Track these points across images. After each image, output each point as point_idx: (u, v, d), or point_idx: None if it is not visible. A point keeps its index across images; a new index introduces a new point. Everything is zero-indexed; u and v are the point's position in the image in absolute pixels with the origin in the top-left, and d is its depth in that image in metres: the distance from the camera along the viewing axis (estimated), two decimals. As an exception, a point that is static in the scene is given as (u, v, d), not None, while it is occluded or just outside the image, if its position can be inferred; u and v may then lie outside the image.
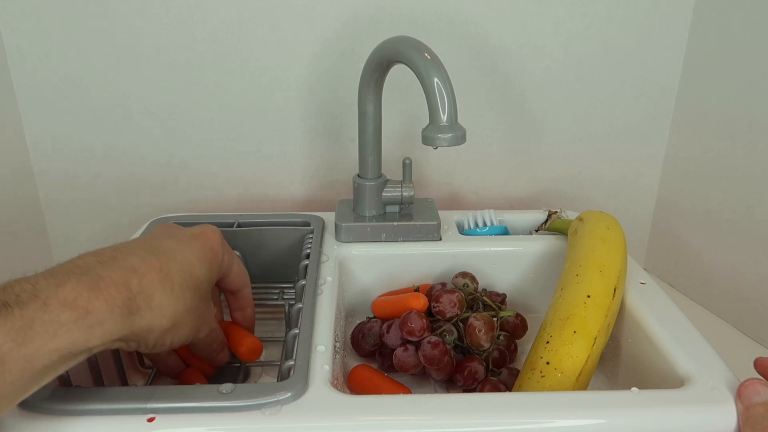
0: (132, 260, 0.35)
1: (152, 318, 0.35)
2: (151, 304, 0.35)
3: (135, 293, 0.34)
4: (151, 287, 0.35)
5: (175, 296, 0.36)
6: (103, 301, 0.32)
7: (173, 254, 0.38)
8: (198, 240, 0.41)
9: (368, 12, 0.64)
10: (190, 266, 0.39)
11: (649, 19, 0.66)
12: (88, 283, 0.32)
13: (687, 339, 0.43)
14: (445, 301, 0.50)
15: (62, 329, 0.30)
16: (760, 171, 0.59)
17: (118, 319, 0.33)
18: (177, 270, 0.37)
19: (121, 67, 0.64)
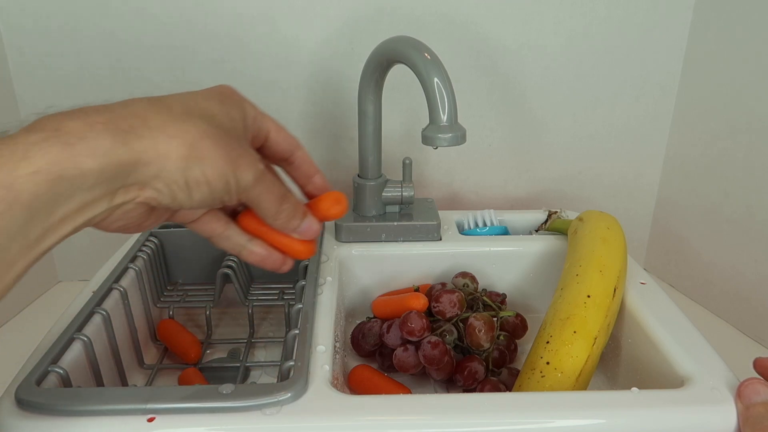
0: (113, 104, 0.31)
1: (156, 137, 0.30)
2: (149, 124, 0.30)
3: (121, 114, 0.29)
4: (140, 111, 0.30)
5: (176, 118, 0.31)
6: (77, 120, 0.28)
7: (167, 96, 0.34)
8: (205, 90, 0.36)
9: (368, 12, 0.64)
10: (191, 99, 0.33)
11: (649, 19, 0.66)
12: (61, 114, 0.28)
13: (687, 339, 0.43)
14: (445, 301, 0.50)
15: (33, 148, 0.26)
16: (760, 171, 0.59)
17: (104, 135, 0.28)
18: (172, 100, 0.33)
19: (121, 67, 0.64)
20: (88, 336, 0.42)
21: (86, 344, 0.42)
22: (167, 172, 0.30)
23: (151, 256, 0.55)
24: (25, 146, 0.26)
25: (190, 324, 0.59)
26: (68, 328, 0.42)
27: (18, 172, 0.26)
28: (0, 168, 0.25)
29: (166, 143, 0.30)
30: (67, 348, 0.40)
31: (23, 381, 0.36)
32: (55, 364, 0.38)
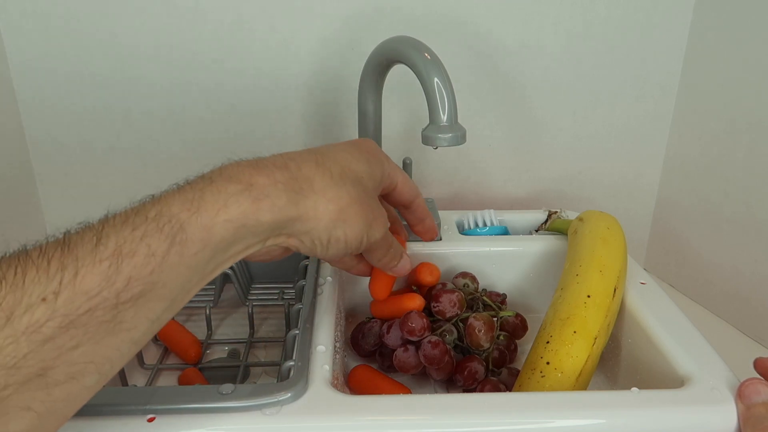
0: (290, 156, 0.36)
1: (317, 200, 0.35)
2: (314, 187, 0.35)
3: (295, 175, 0.35)
4: (309, 173, 0.35)
5: (335, 182, 0.36)
6: (264, 176, 0.33)
7: (327, 151, 0.38)
8: (355, 145, 0.41)
9: (368, 12, 0.64)
10: (346, 161, 0.38)
11: (649, 19, 0.66)
12: (249, 165, 0.34)
13: (687, 339, 0.43)
14: (445, 301, 0.50)
15: (231, 199, 0.31)
16: (760, 171, 0.59)
17: (283, 194, 0.33)
18: (332, 162, 0.37)
19: (121, 67, 0.64)
20: (88, 336, 0.42)
21: (86, 344, 0.42)
22: (317, 230, 0.36)
23: (151, 256, 0.55)
24: (226, 196, 0.31)
25: (190, 324, 0.59)
26: (68, 328, 0.42)
27: (217, 219, 0.31)
28: (205, 210, 0.31)
29: (324, 206, 0.35)
30: (67, 348, 0.40)
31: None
32: (55, 364, 0.38)
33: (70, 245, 0.27)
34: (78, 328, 0.26)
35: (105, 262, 0.27)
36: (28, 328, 0.25)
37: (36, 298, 0.25)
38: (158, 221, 0.29)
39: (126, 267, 0.27)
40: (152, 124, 0.67)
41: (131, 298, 0.27)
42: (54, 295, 0.25)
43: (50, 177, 0.69)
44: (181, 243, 0.29)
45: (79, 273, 0.26)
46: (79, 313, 0.26)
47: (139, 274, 0.28)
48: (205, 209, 0.31)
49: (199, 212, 0.30)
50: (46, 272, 0.26)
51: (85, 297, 0.26)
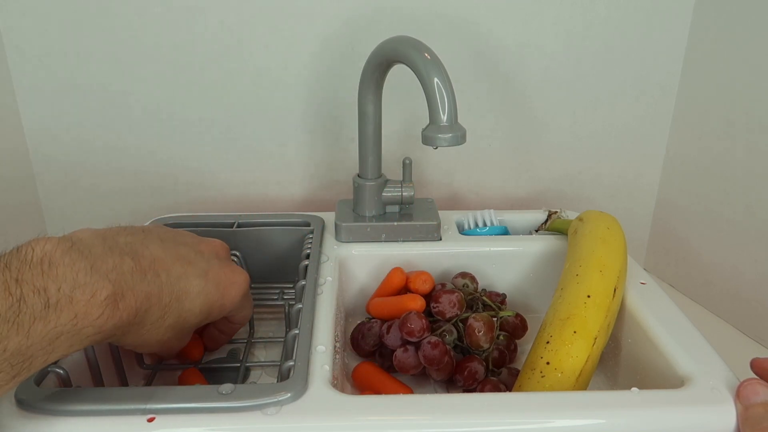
0: (155, 284, 0.37)
1: (131, 339, 0.37)
2: (139, 332, 0.37)
3: (137, 321, 0.35)
4: (148, 320, 0.36)
5: (158, 333, 0.38)
6: (117, 318, 0.34)
7: (185, 298, 0.39)
8: (218, 292, 0.42)
9: (368, 12, 0.64)
10: (188, 314, 0.40)
11: (649, 19, 0.66)
12: (114, 298, 0.33)
13: (687, 339, 0.43)
14: (444, 302, 0.50)
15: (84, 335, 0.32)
16: (760, 171, 0.59)
17: (113, 336, 0.35)
18: (175, 314, 0.38)
19: (121, 67, 0.64)
20: (88, 336, 0.42)
21: (86, 344, 0.42)
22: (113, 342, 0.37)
23: (151, 256, 0.55)
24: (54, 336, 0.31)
25: (190, 324, 0.59)
26: (68, 328, 0.42)
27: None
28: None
29: (130, 342, 0.38)
30: (67, 348, 0.40)
31: (23, 382, 0.36)
32: (54, 364, 0.38)
33: None
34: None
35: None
36: None
37: None
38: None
39: None
40: (152, 124, 0.67)
41: None
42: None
43: (50, 177, 0.69)
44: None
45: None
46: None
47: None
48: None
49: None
50: None
51: None
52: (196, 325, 0.42)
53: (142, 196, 0.70)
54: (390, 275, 0.54)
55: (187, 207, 0.71)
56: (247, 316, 0.49)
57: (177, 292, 0.38)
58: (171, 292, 0.38)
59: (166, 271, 0.38)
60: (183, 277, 0.39)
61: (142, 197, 0.70)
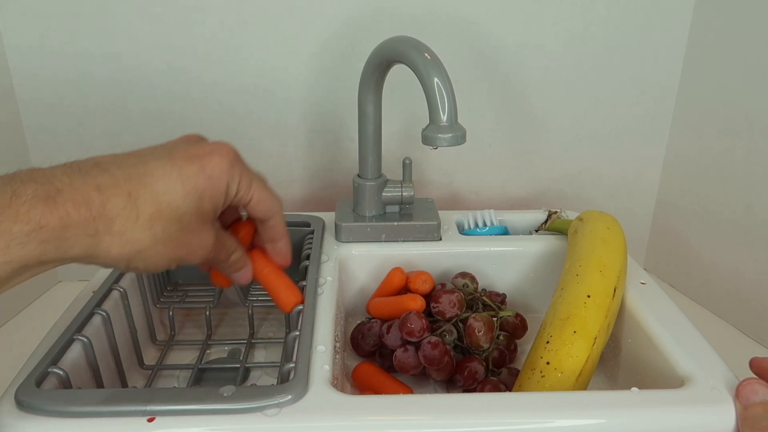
0: (103, 178, 0.33)
1: (111, 243, 0.33)
2: (111, 230, 0.33)
3: (94, 215, 0.32)
4: (113, 211, 0.33)
5: (140, 226, 0.34)
6: (56, 217, 0.31)
7: (152, 180, 0.35)
8: (194, 165, 0.37)
9: (368, 12, 0.64)
10: (168, 196, 0.35)
11: (649, 19, 0.66)
12: (44, 196, 0.31)
13: (687, 339, 0.43)
14: (444, 302, 0.50)
15: (14, 242, 0.30)
16: (760, 171, 0.59)
17: (72, 238, 0.32)
18: (150, 199, 0.34)
19: (121, 67, 0.64)
20: (88, 337, 0.42)
21: (86, 345, 0.42)
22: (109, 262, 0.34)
23: (151, 256, 0.55)
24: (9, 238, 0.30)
25: (190, 324, 0.59)
26: (68, 328, 0.42)
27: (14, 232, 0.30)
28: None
29: (118, 249, 0.34)
30: (67, 349, 0.40)
31: (23, 382, 0.36)
32: (55, 365, 0.38)
33: None
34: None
35: None
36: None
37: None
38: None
39: None
40: (152, 124, 0.67)
41: None
42: None
43: (50, 177, 0.69)
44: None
45: None
46: None
47: None
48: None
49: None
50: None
51: None
52: (195, 212, 0.37)
53: None
54: (390, 275, 0.54)
55: (187, 207, 0.71)
56: (268, 203, 0.42)
57: (135, 176, 0.35)
58: (128, 178, 0.34)
59: (116, 164, 0.35)
60: (139, 163, 0.35)
61: (142, 197, 0.70)
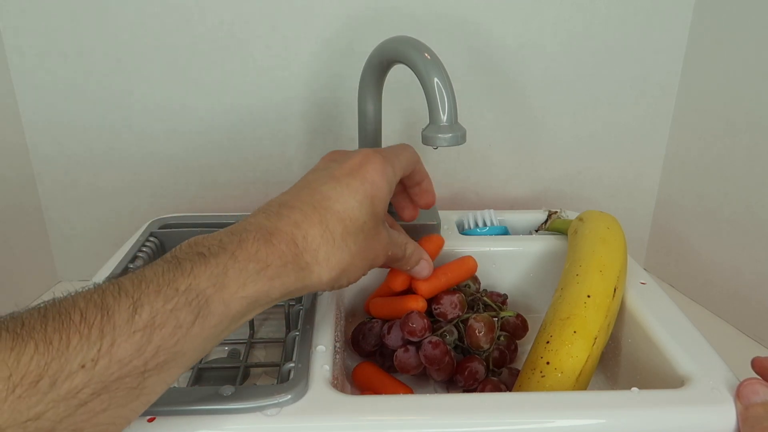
0: (295, 215, 0.37)
1: (320, 271, 0.37)
2: (318, 258, 0.37)
3: (301, 250, 0.36)
4: (314, 243, 0.37)
5: (338, 247, 0.38)
6: (277, 256, 0.35)
7: (331, 203, 0.38)
8: (356, 178, 0.40)
9: (368, 12, 0.64)
10: (349, 212, 0.39)
11: (649, 19, 0.66)
12: (264, 240, 0.35)
13: (687, 339, 0.43)
14: (446, 303, 0.50)
15: (250, 279, 0.33)
16: (760, 171, 0.59)
17: (291, 274, 0.35)
18: (336, 221, 0.38)
19: (121, 67, 0.64)
20: (88, 336, 0.42)
21: (86, 344, 0.42)
22: (318, 286, 0.38)
23: (151, 256, 0.55)
24: (246, 275, 0.33)
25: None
26: (68, 328, 0.42)
27: (236, 295, 0.32)
28: (227, 287, 0.32)
29: (327, 274, 0.38)
30: (67, 348, 0.40)
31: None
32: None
33: (109, 312, 0.28)
34: (109, 393, 0.27)
35: (139, 333, 0.28)
36: (68, 393, 0.26)
37: (77, 365, 0.26)
38: (188, 295, 0.30)
39: (156, 337, 0.29)
40: (152, 124, 0.67)
41: (156, 366, 0.29)
42: (93, 362, 0.27)
43: (50, 177, 0.69)
44: (204, 316, 0.31)
45: (116, 342, 0.27)
46: (111, 380, 0.27)
47: (166, 345, 0.29)
48: (228, 286, 0.32)
49: (222, 289, 0.32)
50: (88, 339, 0.27)
51: (119, 365, 0.27)
52: (371, 218, 0.40)
53: (142, 196, 0.70)
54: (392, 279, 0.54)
55: (187, 207, 0.71)
56: (414, 163, 0.47)
57: (318, 205, 0.38)
58: (313, 209, 0.38)
59: (298, 199, 0.39)
60: (314, 193, 0.39)
61: (142, 197, 0.70)
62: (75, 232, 0.72)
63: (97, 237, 0.72)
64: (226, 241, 0.34)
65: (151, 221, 0.60)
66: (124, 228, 0.70)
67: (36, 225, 0.70)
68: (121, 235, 0.61)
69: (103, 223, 0.71)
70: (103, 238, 0.72)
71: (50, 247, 0.72)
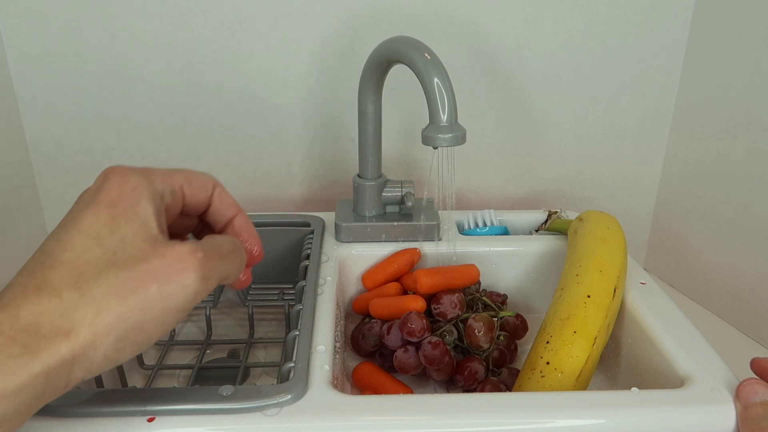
0: (6, 295, 0.28)
1: (61, 347, 0.26)
2: (41, 333, 0.26)
3: (10, 335, 0.26)
4: (30, 317, 0.26)
5: (70, 304, 0.27)
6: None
7: (55, 256, 0.29)
8: (87, 210, 0.30)
9: (368, 12, 0.64)
10: (83, 254, 0.28)
11: (649, 19, 0.66)
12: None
13: (687, 339, 0.43)
14: (446, 302, 0.50)
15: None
16: (760, 171, 0.59)
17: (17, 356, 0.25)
18: (62, 273, 0.28)
19: (121, 67, 0.64)
20: (88, 336, 0.42)
21: (86, 344, 0.42)
22: (87, 366, 0.28)
23: (151, 256, 0.55)
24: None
25: (190, 324, 0.59)
26: (68, 328, 0.42)
27: None
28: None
29: (70, 347, 0.27)
30: (67, 348, 0.40)
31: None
32: (55, 365, 0.38)
33: None
34: None
35: None
36: None
37: None
38: None
39: None
40: (152, 124, 0.67)
41: None
42: None
43: (50, 177, 0.69)
44: None
45: None
46: None
47: None
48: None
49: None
50: None
51: None
52: (129, 236, 0.29)
53: (142, 196, 0.70)
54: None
55: (187, 207, 0.71)
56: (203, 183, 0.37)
57: (35, 268, 0.29)
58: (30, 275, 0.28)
59: (18, 276, 0.29)
60: (38, 255, 0.30)
61: (142, 197, 0.70)
62: (75, 232, 0.71)
63: (97, 237, 0.72)
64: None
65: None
66: (124, 228, 0.70)
67: (36, 225, 0.70)
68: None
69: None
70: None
71: (50, 247, 0.72)
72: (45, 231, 0.71)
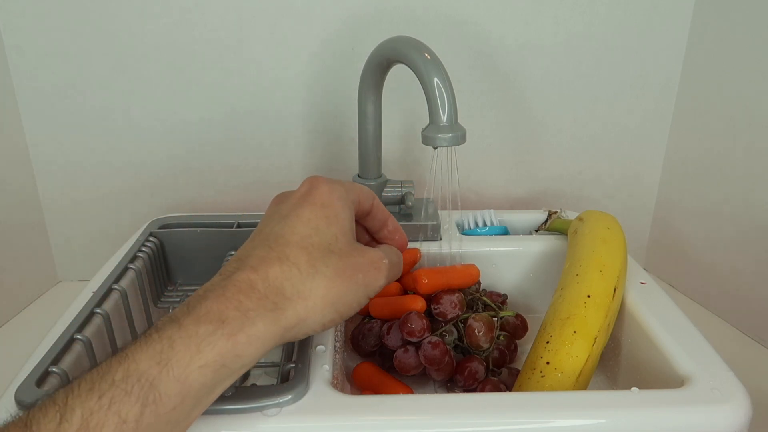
0: (251, 261, 0.34)
1: (295, 307, 0.33)
2: (286, 294, 0.33)
3: (264, 293, 0.32)
4: (277, 281, 0.33)
5: (307, 276, 0.34)
6: (232, 309, 0.31)
7: (286, 238, 0.35)
8: (304, 207, 0.37)
9: (368, 12, 0.64)
10: (308, 238, 0.35)
11: (649, 19, 0.66)
12: (215, 298, 0.31)
13: (687, 339, 0.43)
14: (445, 303, 0.50)
15: (204, 343, 0.29)
16: (760, 170, 0.59)
17: (258, 322, 0.31)
18: (297, 251, 0.34)
19: (121, 67, 0.64)
20: (87, 337, 0.42)
21: (86, 345, 0.42)
22: (308, 326, 0.34)
23: (151, 256, 0.55)
24: (197, 340, 0.29)
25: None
26: (68, 329, 0.42)
27: (191, 367, 0.29)
28: (176, 363, 0.28)
29: (305, 309, 0.34)
30: (67, 349, 0.40)
31: (23, 382, 0.36)
32: (55, 365, 0.38)
33: (32, 428, 0.24)
34: None
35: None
36: None
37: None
38: (126, 383, 0.26)
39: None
40: (152, 124, 0.67)
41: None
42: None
43: (50, 177, 0.69)
44: (155, 402, 0.27)
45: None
46: None
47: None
48: (176, 360, 0.28)
49: (169, 365, 0.28)
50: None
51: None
52: (339, 235, 0.37)
53: (142, 196, 0.70)
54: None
55: (187, 207, 0.71)
56: (370, 197, 0.42)
57: (274, 243, 0.35)
58: (269, 248, 0.35)
59: (253, 246, 0.36)
60: (267, 235, 0.36)
61: (142, 197, 0.70)
62: (75, 232, 0.72)
63: (97, 237, 0.72)
64: (176, 313, 0.31)
65: (150, 221, 0.60)
66: (124, 228, 0.70)
67: (36, 225, 0.70)
68: (121, 235, 0.61)
69: (103, 223, 0.71)
70: (102, 238, 0.72)
71: (50, 247, 0.72)
72: (45, 231, 0.71)
